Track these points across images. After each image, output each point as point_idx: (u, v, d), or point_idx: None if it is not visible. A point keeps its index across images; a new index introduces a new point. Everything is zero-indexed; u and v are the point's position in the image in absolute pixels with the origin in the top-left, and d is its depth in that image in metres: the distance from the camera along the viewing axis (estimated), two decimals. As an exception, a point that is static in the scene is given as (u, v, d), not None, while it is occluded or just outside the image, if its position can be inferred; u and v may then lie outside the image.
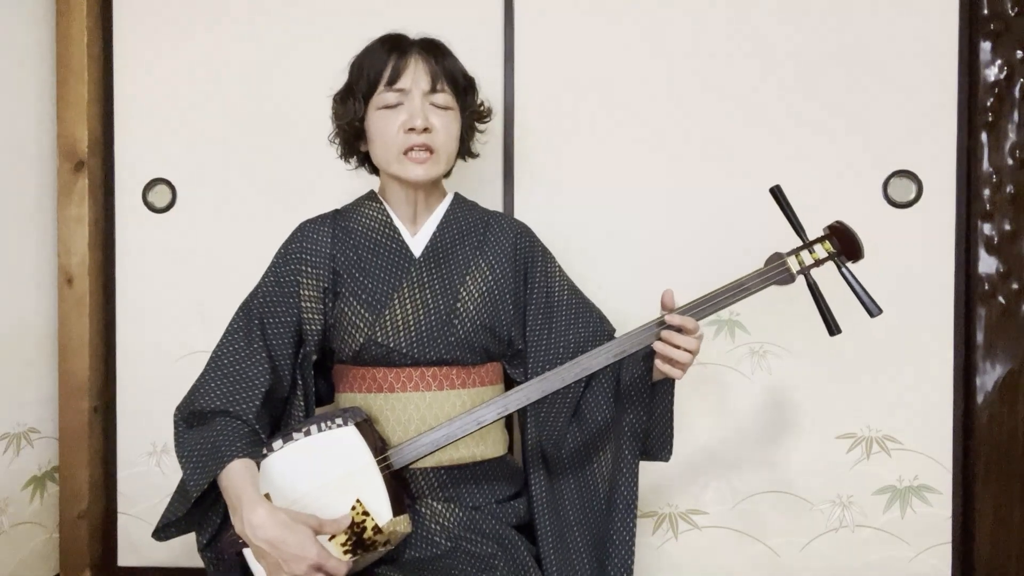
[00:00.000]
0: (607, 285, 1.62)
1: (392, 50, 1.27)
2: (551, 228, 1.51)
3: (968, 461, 1.61)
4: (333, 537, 1.10)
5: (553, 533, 1.28)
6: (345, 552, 1.10)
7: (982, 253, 1.60)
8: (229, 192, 1.70)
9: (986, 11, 1.59)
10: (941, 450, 1.60)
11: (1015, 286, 1.59)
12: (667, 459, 1.32)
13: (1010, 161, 1.59)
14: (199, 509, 1.18)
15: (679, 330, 1.16)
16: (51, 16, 1.69)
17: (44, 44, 1.68)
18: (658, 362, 1.19)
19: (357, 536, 1.11)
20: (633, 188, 1.64)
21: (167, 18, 1.70)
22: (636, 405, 1.29)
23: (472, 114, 1.36)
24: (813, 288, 1.18)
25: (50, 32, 1.69)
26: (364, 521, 1.11)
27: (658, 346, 1.17)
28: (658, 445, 1.31)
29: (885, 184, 1.61)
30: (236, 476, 1.09)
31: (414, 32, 1.33)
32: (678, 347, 1.16)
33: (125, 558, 1.74)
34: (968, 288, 1.61)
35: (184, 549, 1.69)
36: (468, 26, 1.65)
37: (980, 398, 1.60)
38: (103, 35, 1.72)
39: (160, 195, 1.72)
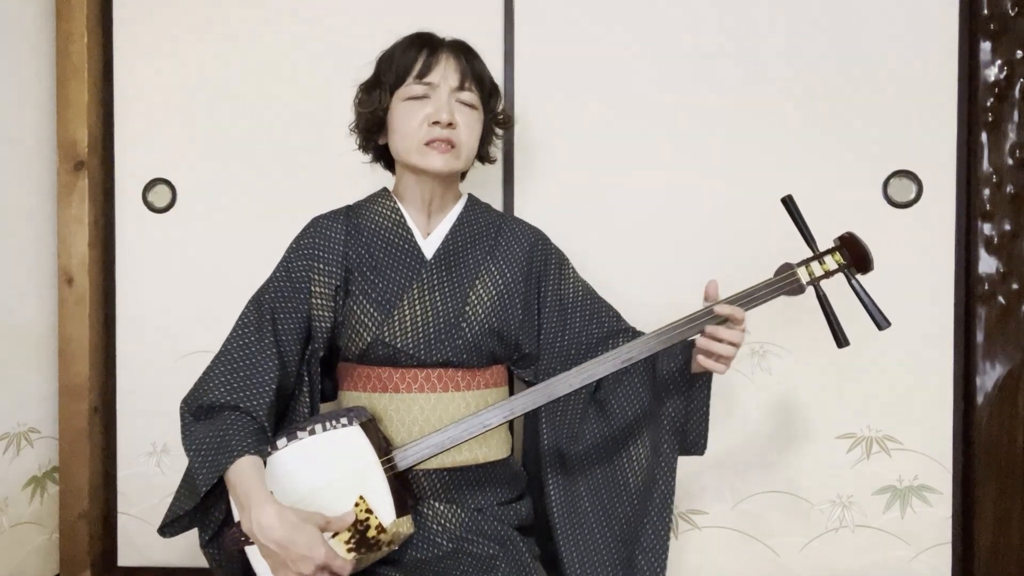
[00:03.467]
0: (606, 286, 1.60)
1: (424, 46, 1.28)
2: (551, 228, 1.51)
3: (968, 461, 1.61)
4: (336, 535, 1.10)
5: (572, 531, 1.26)
6: (349, 550, 1.10)
7: (982, 253, 1.60)
8: (229, 192, 1.70)
9: (986, 11, 1.59)
10: (941, 450, 1.60)
11: (1015, 286, 1.59)
12: (702, 453, 1.30)
13: (1010, 161, 1.59)
14: (203, 504, 1.18)
15: (724, 322, 1.14)
16: (51, 16, 1.69)
17: (44, 44, 1.68)
18: (700, 357, 1.16)
19: (361, 534, 1.11)
20: (633, 188, 1.64)
21: (167, 18, 1.70)
22: (675, 398, 1.27)
23: (493, 118, 1.37)
24: (823, 300, 1.18)
25: (50, 32, 1.69)
26: (368, 519, 1.11)
27: (701, 341, 1.15)
28: (693, 438, 1.29)
29: (885, 184, 1.61)
30: (244, 473, 1.08)
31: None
32: (722, 340, 1.14)
33: (125, 558, 1.74)
34: (968, 288, 1.61)
35: (185, 549, 1.69)
36: (468, 26, 1.64)
37: (980, 398, 1.60)
38: (103, 35, 1.71)
39: (160, 195, 1.72)
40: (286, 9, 1.69)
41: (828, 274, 1.19)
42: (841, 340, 1.17)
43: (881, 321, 1.16)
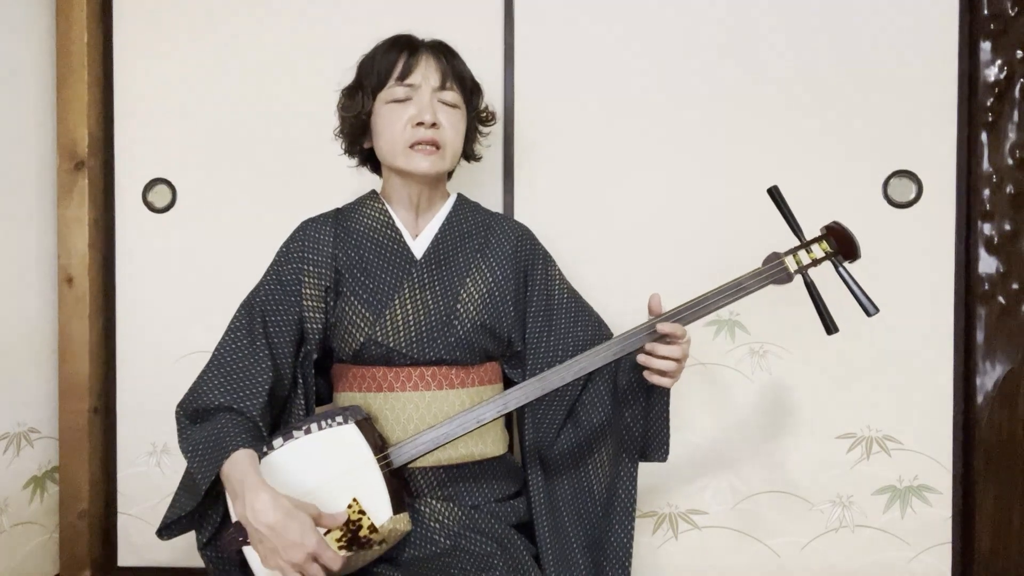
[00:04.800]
0: (606, 285, 1.62)
1: (404, 48, 1.29)
2: (551, 228, 1.51)
3: (968, 461, 1.61)
4: (329, 532, 1.10)
5: (551, 532, 1.28)
6: (340, 548, 1.10)
7: (982, 253, 1.60)
8: (229, 192, 1.70)
9: (986, 11, 1.59)
10: (941, 450, 1.60)
11: (1015, 286, 1.59)
12: (664, 460, 1.32)
13: (1010, 161, 1.59)
14: (201, 506, 1.18)
15: (664, 338, 1.16)
16: (51, 16, 1.69)
17: (44, 44, 1.69)
18: (645, 373, 1.19)
19: (352, 533, 1.11)
20: (632, 188, 1.65)
21: (167, 18, 1.71)
22: (633, 409, 1.29)
23: (477, 116, 1.38)
24: (810, 287, 1.19)
25: (50, 32, 1.69)
26: (360, 520, 1.11)
27: (641, 358, 1.18)
28: (654, 446, 1.31)
29: (885, 184, 1.61)
30: (239, 463, 1.08)
31: (416, 33, 1.34)
32: (662, 357, 1.16)
33: (125, 558, 1.74)
34: (968, 288, 1.61)
35: (184, 549, 1.69)
36: (468, 26, 1.65)
37: (980, 398, 1.60)
38: (103, 35, 1.72)
39: (160, 195, 1.72)
40: (286, 9, 1.69)
41: (815, 262, 1.20)
42: (830, 327, 1.18)
43: (869, 307, 1.17)
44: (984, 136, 1.60)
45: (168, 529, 1.21)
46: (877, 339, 1.59)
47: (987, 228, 1.60)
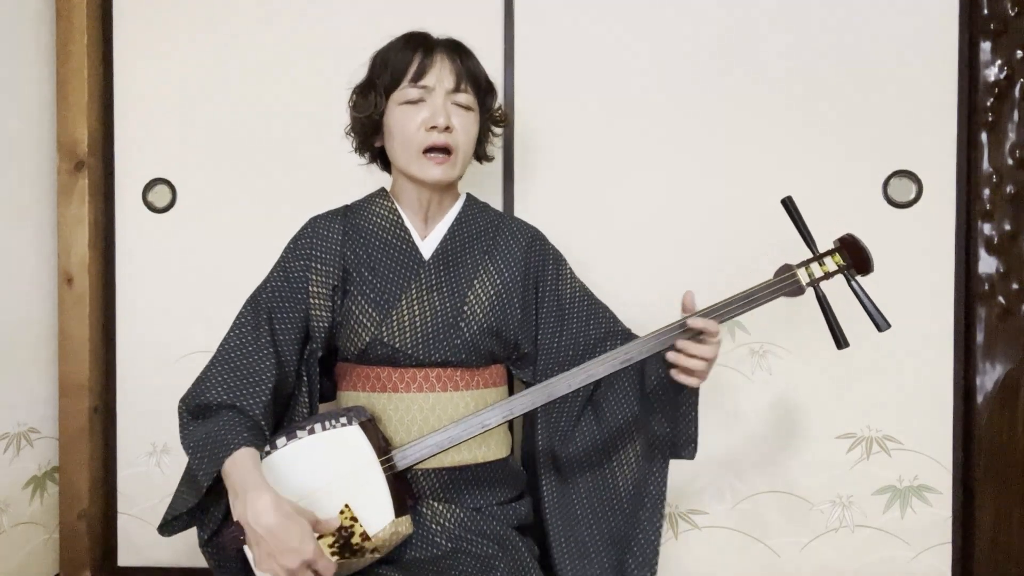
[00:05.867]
0: (606, 286, 1.61)
1: (418, 47, 1.27)
2: (551, 228, 1.51)
3: (968, 461, 1.61)
4: (321, 537, 1.10)
5: (564, 532, 1.27)
6: (332, 553, 1.11)
7: (982, 253, 1.60)
8: (229, 192, 1.70)
9: (986, 11, 1.59)
10: (941, 450, 1.60)
11: (1015, 286, 1.59)
12: (692, 457, 1.30)
13: (1010, 161, 1.59)
14: (203, 503, 1.18)
15: (699, 334, 1.14)
16: (51, 16, 1.69)
17: (44, 44, 1.68)
18: (672, 372, 1.17)
19: (344, 540, 1.11)
20: (632, 188, 1.65)
21: (167, 18, 1.70)
22: (664, 405, 1.27)
23: (490, 116, 1.37)
24: (822, 301, 1.18)
25: (50, 32, 1.69)
26: (352, 527, 1.11)
27: (671, 356, 1.16)
28: (683, 442, 1.28)
29: (885, 184, 1.61)
30: (241, 462, 1.07)
31: (415, 32, 1.34)
32: (692, 356, 1.14)
33: (125, 558, 1.74)
34: (968, 288, 1.61)
35: (184, 549, 1.69)
36: (468, 26, 1.64)
37: (980, 398, 1.60)
38: (103, 35, 1.72)
39: (160, 195, 1.72)
40: (286, 9, 1.69)
41: (828, 275, 1.19)
42: (841, 341, 1.17)
43: (881, 322, 1.16)
44: (984, 136, 1.60)
45: (169, 526, 1.20)
46: (877, 339, 1.58)
47: (987, 228, 1.60)
